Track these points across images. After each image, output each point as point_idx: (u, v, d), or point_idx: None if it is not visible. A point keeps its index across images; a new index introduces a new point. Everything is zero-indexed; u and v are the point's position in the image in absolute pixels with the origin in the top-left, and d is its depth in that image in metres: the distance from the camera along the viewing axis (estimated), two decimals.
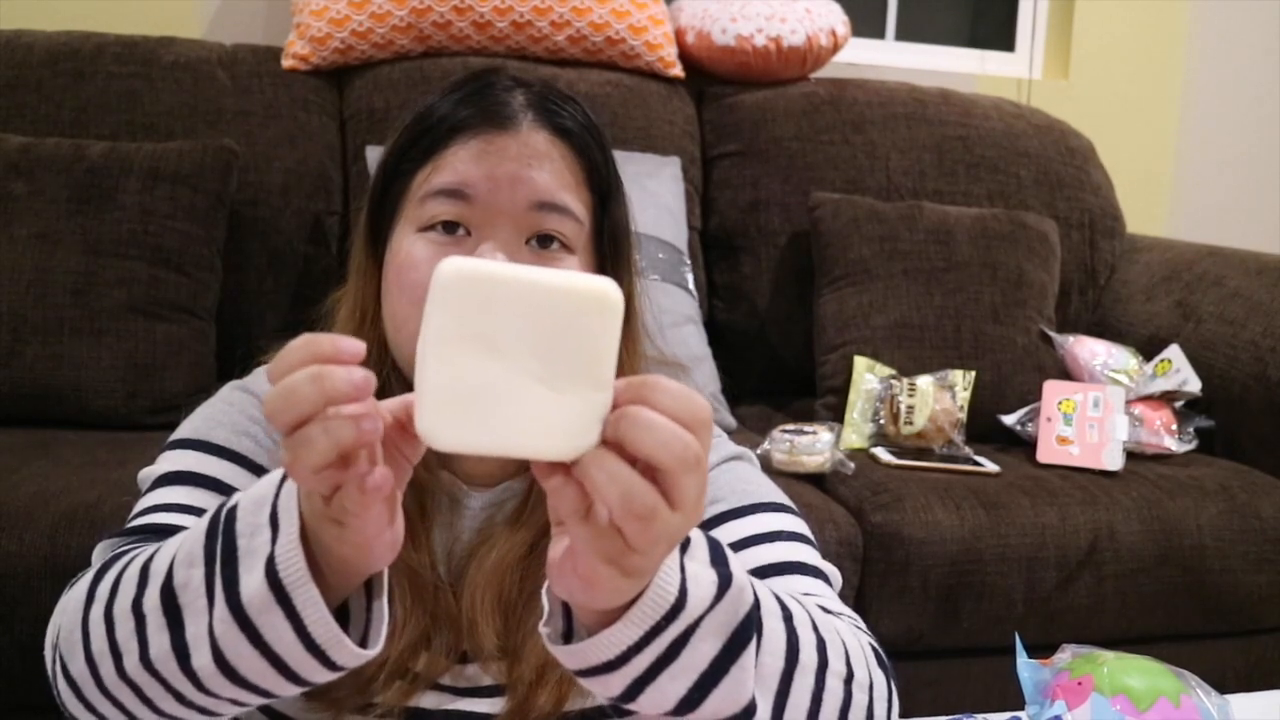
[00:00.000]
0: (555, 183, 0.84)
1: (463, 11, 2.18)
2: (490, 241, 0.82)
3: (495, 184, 0.83)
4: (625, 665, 0.61)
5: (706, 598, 0.62)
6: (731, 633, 0.63)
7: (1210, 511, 1.79)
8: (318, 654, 0.63)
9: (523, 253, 0.83)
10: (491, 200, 0.83)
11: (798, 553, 0.86)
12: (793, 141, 2.32)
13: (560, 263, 0.85)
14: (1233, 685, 1.65)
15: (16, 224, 1.82)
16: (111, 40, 2.12)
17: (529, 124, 0.85)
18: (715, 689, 0.63)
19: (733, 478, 0.91)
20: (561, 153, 0.86)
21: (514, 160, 0.83)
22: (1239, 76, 2.97)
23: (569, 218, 0.85)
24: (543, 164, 0.84)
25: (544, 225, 0.84)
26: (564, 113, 0.87)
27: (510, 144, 0.84)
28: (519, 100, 0.86)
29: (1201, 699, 0.83)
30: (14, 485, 1.48)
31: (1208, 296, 2.17)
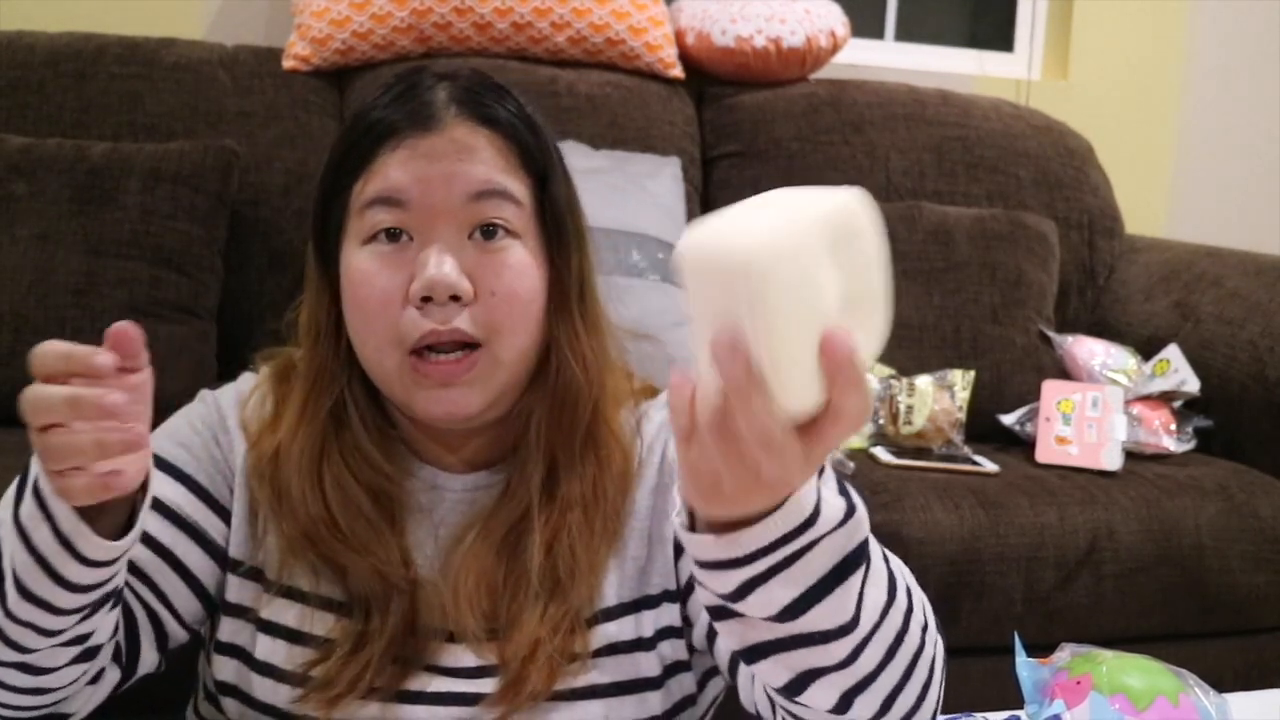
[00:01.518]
0: (489, 170, 0.85)
1: (463, 13, 2.18)
2: (435, 244, 0.82)
3: (428, 185, 0.83)
4: (748, 565, 0.62)
5: (834, 519, 0.63)
6: (845, 556, 0.64)
7: (1209, 511, 1.80)
8: (67, 546, 0.71)
9: (468, 248, 0.84)
10: (427, 202, 0.83)
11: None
12: (792, 142, 2.32)
13: (507, 251, 0.85)
14: (1231, 684, 1.65)
15: (18, 224, 1.82)
16: (113, 41, 2.12)
17: (454, 119, 0.85)
18: (819, 603, 0.64)
19: None
20: (490, 141, 0.86)
21: (443, 158, 0.83)
22: (1238, 77, 2.98)
23: (509, 201, 0.85)
24: (473, 155, 0.84)
25: (485, 214, 0.84)
26: (489, 102, 0.87)
27: (437, 142, 0.84)
28: (442, 97, 0.86)
29: (1200, 698, 0.84)
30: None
31: (1206, 296, 2.17)
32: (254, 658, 0.90)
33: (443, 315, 0.82)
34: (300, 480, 0.87)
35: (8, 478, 1.49)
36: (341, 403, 0.89)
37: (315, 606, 0.89)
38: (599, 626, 0.89)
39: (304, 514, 0.87)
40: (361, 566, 0.86)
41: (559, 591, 0.87)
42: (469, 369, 0.83)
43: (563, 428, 0.88)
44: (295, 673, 0.87)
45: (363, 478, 0.88)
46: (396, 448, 0.91)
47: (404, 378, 0.84)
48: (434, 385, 0.83)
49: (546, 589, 0.86)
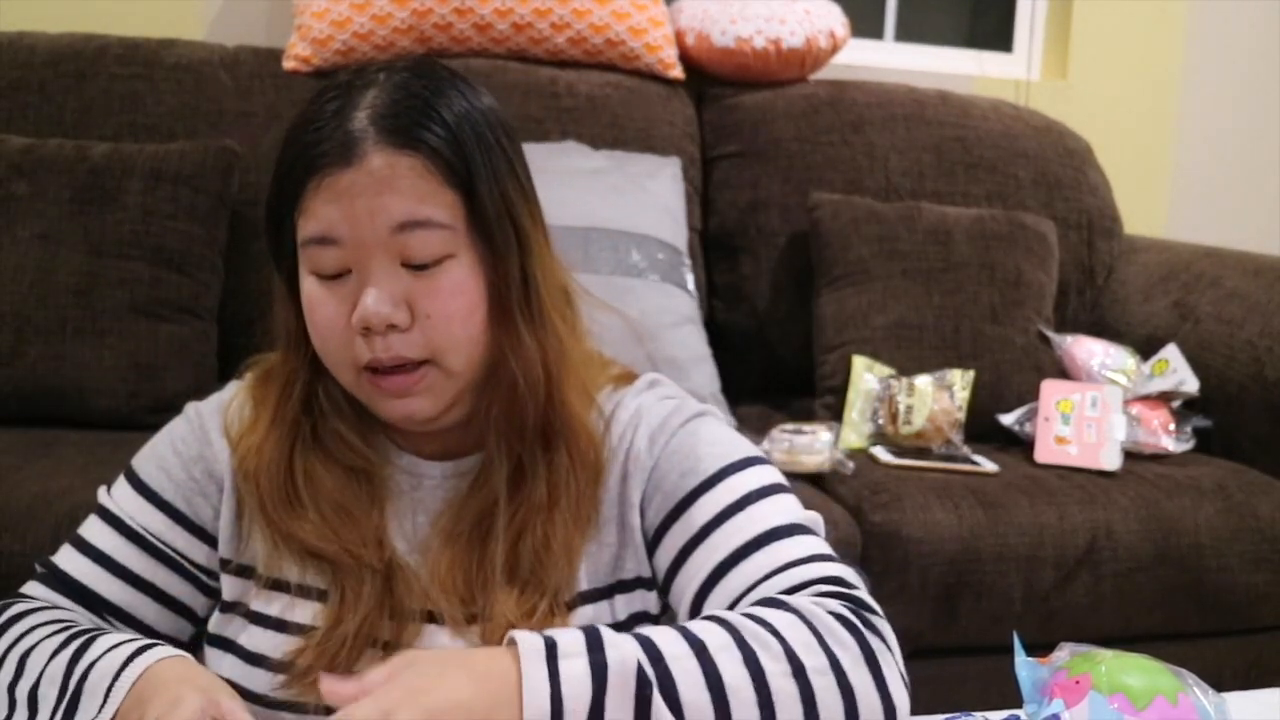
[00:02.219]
0: (407, 201, 0.84)
1: (464, 14, 2.18)
2: (370, 277, 0.84)
3: (354, 222, 0.83)
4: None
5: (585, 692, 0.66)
6: (634, 697, 0.66)
7: (1208, 511, 1.80)
8: None
9: (402, 275, 0.84)
10: (357, 238, 0.83)
11: (770, 513, 0.87)
12: (792, 142, 2.32)
13: (441, 273, 0.85)
14: (1230, 684, 1.65)
15: (19, 224, 1.82)
16: (114, 42, 2.12)
17: (372, 147, 0.83)
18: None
19: (694, 440, 0.91)
20: (409, 168, 0.84)
21: (363, 193, 0.83)
22: (1237, 77, 2.98)
23: (433, 229, 0.84)
24: (395, 184, 0.83)
25: (408, 246, 0.84)
26: (407, 124, 0.85)
27: (357, 178, 0.83)
28: (360, 122, 0.84)
29: (1199, 698, 0.84)
30: (16, 485, 1.49)
31: (1205, 297, 2.17)
32: (244, 649, 0.92)
33: (384, 344, 0.84)
34: (272, 473, 0.91)
35: (8, 478, 1.50)
36: (315, 397, 0.93)
37: (299, 595, 0.91)
38: (578, 609, 0.90)
39: (276, 505, 0.90)
40: (332, 550, 0.89)
41: (532, 579, 0.89)
42: (419, 381, 0.86)
43: (515, 426, 0.90)
44: (282, 661, 0.89)
45: (343, 460, 0.92)
46: (378, 436, 0.95)
47: (362, 390, 0.88)
48: (390, 396, 0.87)
49: (520, 577, 0.89)
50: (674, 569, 0.88)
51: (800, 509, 0.89)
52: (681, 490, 0.89)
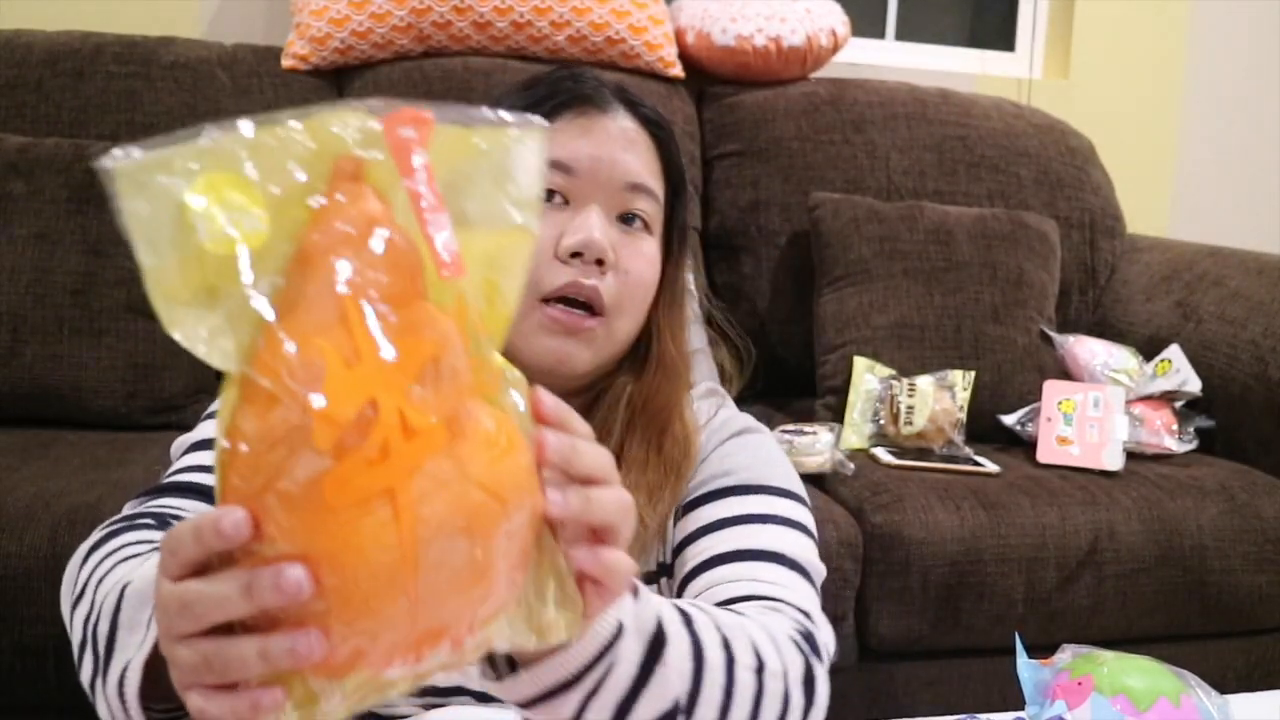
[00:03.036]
0: (643, 167, 0.93)
1: (463, 11, 2.18)
2: (597, 219, 0.89)
3: (598, 162, 0.90)
4: (581, 682, 0.63)
5: (630, 606, 0.65)
6: (651, 636, 0.66)
7: (1211, 511, 1.79)
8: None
9: (614, 226, 0.91)
10: (592, 176, 0.91)
11: (783, 540, 0.89)
12: (793, 141, 2.32)
13: (642, 241, 0.93)
14: (1233, 685, 1.65)
15: (16, 224, 1.82)
16: (111, 40, 2.12)
17: (621, 112, 0.94)
18: (645, 690, 0.66)
19: (750, 453, 0.96)
20: (646, 141, 0.94)
21: (614, 141, 0.92)
22: (1240, 76, 2.97)
23: (653, 200, 0.93)
24: (636, 149, 0.93)
25: (633, 204, 0.92)
26: (645, 106, 0.96)
27: (611, 126, 0.92)
28: (608, 90, 0.95)
29: (1201, 699, 0.83)
30: (14, 486, 1.48)
31: (1208, 296, 2.16)
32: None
33: (585, 272, 0.89)
34: None
35: (7, 478, 1.50)
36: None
37: None
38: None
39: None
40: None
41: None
42: (594, 328, 0.90)
43: (647, 411, 0.94)
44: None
45: None
46: None
47: (529, 322, 0.89)
48: (558, 333, 0.89)
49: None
50: (680, 548, 0.91)
51: (813, 555, 0.90)
52: (717, 485, 0.93)
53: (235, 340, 0.48)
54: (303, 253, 0.48)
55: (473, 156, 0.51)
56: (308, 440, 0.46)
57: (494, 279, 0.52)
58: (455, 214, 0.50)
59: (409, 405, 0.47)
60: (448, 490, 0.47)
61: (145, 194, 0.46)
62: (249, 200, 0.47)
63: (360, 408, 0.46)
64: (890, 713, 1.71)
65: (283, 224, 0.48)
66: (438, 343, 0.49)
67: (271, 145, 0.48)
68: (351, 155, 0.49)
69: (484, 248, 0.51)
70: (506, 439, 0.51)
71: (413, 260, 0.49)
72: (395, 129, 0.48)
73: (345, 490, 0.46)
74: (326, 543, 0.46)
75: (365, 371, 0.46)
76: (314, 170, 0.49)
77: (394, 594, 0.46)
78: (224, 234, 0.47)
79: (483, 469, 0.49)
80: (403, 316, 0.48)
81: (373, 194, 0.49)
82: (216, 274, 0.47)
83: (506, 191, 0.51)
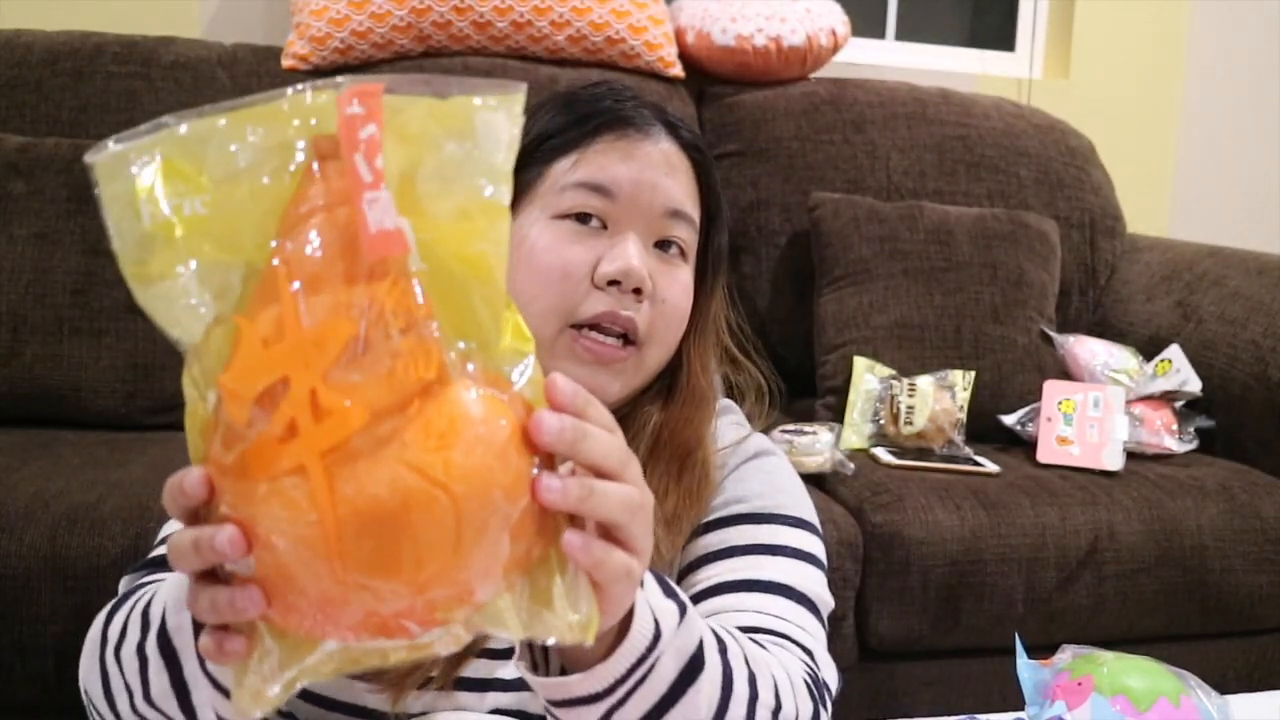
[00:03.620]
0: (683, 193, 0.90)
1: (463, 11, 2.18)
2: (633, 234, 0.87)
3: (638, 186, 0.88)
4: (609, 696, 0.64)
5: (672, 624, 0.65)
6: (689, 658, 0.66)
7: (1211, 512, 1.79)
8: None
9: (651, 253, 0.89)
10: (633, 201, 0.88)
11: (794, 573, 0.88)
12: (793, 141, 2.32)
13: (679, 268, 0.91)
14: (1233, 685, 1.65)
15: (15, 224, 1.82)
16: (111, 40, 2.12)
17: (663, 135, 0.91)
18: (672, 710, 0.66)
19: (765, 478, 0.94)
20: (687, 166, 0.92)
21: (656, 166, 0.89)
22: (1240, 76, 2.97)
23: (691, 227, 0.91)
24: (676, 174, 0.90)
25: (671, 231, 0.90)
26: (685, 129, 0.93)
27: (653, 150, 0.90)
28: (649, 111, 0.92)
29: (1201, 699, 0.83)
30: (13, 485, 1.48)
31: (1208, 296, 2.16)
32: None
33: (622, 302, 0.86)
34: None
35: (7, 478, 1.49)
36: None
37: None
38: None
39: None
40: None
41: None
42: (625, 359, 0.88)
43: (673, 443, 0.91)
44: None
45: None
46: None
47: (560, 346, 0.87)
48: (589, 362, 0.87)
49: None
50: (686, 570, 0.90)
51: (822, 588, 0.90)
52: (729, 511, 0.91)
53: (187, 317, 0.50)
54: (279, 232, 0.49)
55: (441, 127, 0.50)
56: (227, 413, 0.48)
57: (471, 250, 0.51)
58: (424, 183, 0.50)
59: (324, 386, 0.47)
60: (375, 472, 0.47)
61: (116, 183, 0.49)
62: (197, 184, 0.49)
63: (268, 386, 0.47)
64: (890, 713, 1.71)
65: (242, 205, 0.49)
66: (373, 323, 0.48)
67: (236, 130, 0.49)
68: (328, 135, 0.49)
69: (452, 217, 0.50)
70: (479, 428, 0.49)
71: (351, 242, 0.49)
72: (345, 106, 0.48)
73: (261, 465, 0.47)
74: (253, 511, 0.48)
75: (282, 350, 0.47)
76: (279, 151, 0.49)
77: (318, 567, 0.47)
78: (164, 217, 0.49)
79: (425, 455, 0.48)
80: (335, 297, 0.48)
81: (340, 173, 0.49)
82: (162, 256, 0.49)
83: (473, 161, 0.50)
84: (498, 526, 0.50)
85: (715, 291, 0.96)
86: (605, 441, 0.56)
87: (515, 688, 0.88)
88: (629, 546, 0.56)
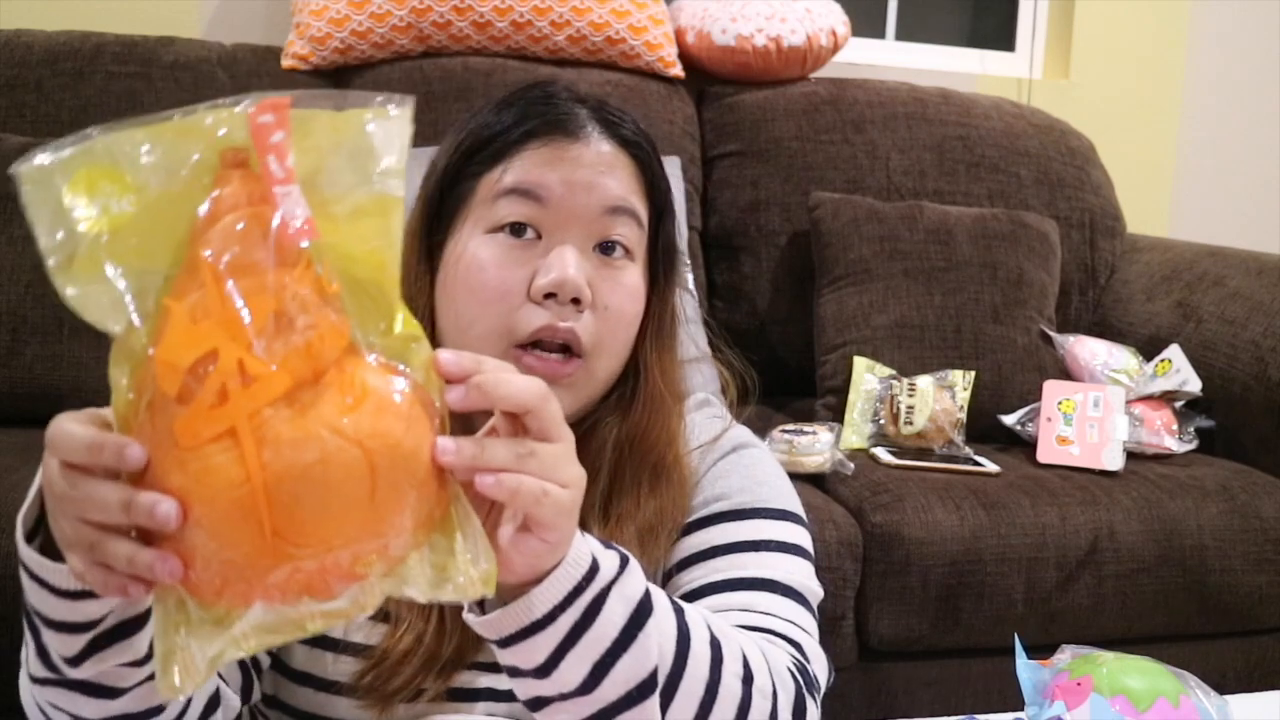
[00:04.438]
0: (623, 189, 0.87)
1: (463, 11, 2.18)
2: (568, 244, 0.84)
3: (570, 189, 0.85)
4: (551, 625, 0.64)
5: (613, 567, 0.66)
6: (637, 602, 0.67)
7: (1211, 511, 1.79)
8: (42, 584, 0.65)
9: (590, 258, 0.86)
10: (565, 204, 0.85)
11: (780, 567, 0.87)
12: (793, 141, 2.32)
13: (624, 270, 0.87)
14: (1233, 686, 1.65)
15: (15, 224, 1.81)
16: (111, 40, 2.12)
17: (596, 134, 0.88)
18: (624, 655, 0.66)
19: (744, 473, 0.92)
20: (626, 162, 0.88)
21: (587, 167, 0.86)
22: (1240, 76, 2.97)
23: (635, 222, 0.88)
24: (613, 171, 0.87)
25: (613, 230, 0.86)
26: (625, 124, 0.90)
27: (583, 151, 0.86)
28: (583, 112, 0.89)
29: (1201, 699, 0.83)
30: (13, 485, 1.48)
31: (1208, 297, 2.16)
32: (289, 667, 0.90)
33: (561, 314, 0.84)
34: None
35: (7, 478, 1.49)
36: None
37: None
38: None
39: None
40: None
41: None
42: (571, 373, 0.85)
43: (637, 452, 0.89)
44: (335, 681, 0.88)
45: None
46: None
47: None
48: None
49: None
50: (670, 574, 0.89)
51: (810, 579, 0.88)
52: (710, 510, 0.90)
53: (115, 311, 0.55)
54: (192, 233, 0.54)
55: (338, 136, 0.55)
56: (158, 387, 0.52)
57: (366, 247, 0.56)
58: (325, 187, 0.55)
59: (249, 356, 0.51)
60: (297, 434, 0.51)
61: (43, 190, 0.53)
62: (119, 188, 0.53)
63: (199, 357, 0.51)
64: (890, 713, 1.71)
65: (160, 208, 0.54)
66: (290, 301, 0.53)
67: (154, 141, 0.54)
68: (235, 146, 0.54)
69: (348, 215, 0.55)
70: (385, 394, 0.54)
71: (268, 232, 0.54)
72: (257, 116, 0.53)
73: (192, 431, 0.51)
74: (184, 479, 0.52)
75: (210, 326, 0.52)
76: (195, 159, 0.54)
77: (248, 528, 0.51)
78: (92, 216, 0.53)
79: (340, 417, 0.52)
80: (255, 281, 0.52)
81: (250, 178, 0.54)
82: (89, 257, 0.54)
83: (369, 165, 0.55)
84: (407, 483, 0.54)
85: (670, 289, 0.93)
86: (506, 369, 0.60)
87: (507, 698, 0.87)
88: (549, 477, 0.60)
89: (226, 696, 0.83)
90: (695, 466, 0.92)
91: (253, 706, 0.93)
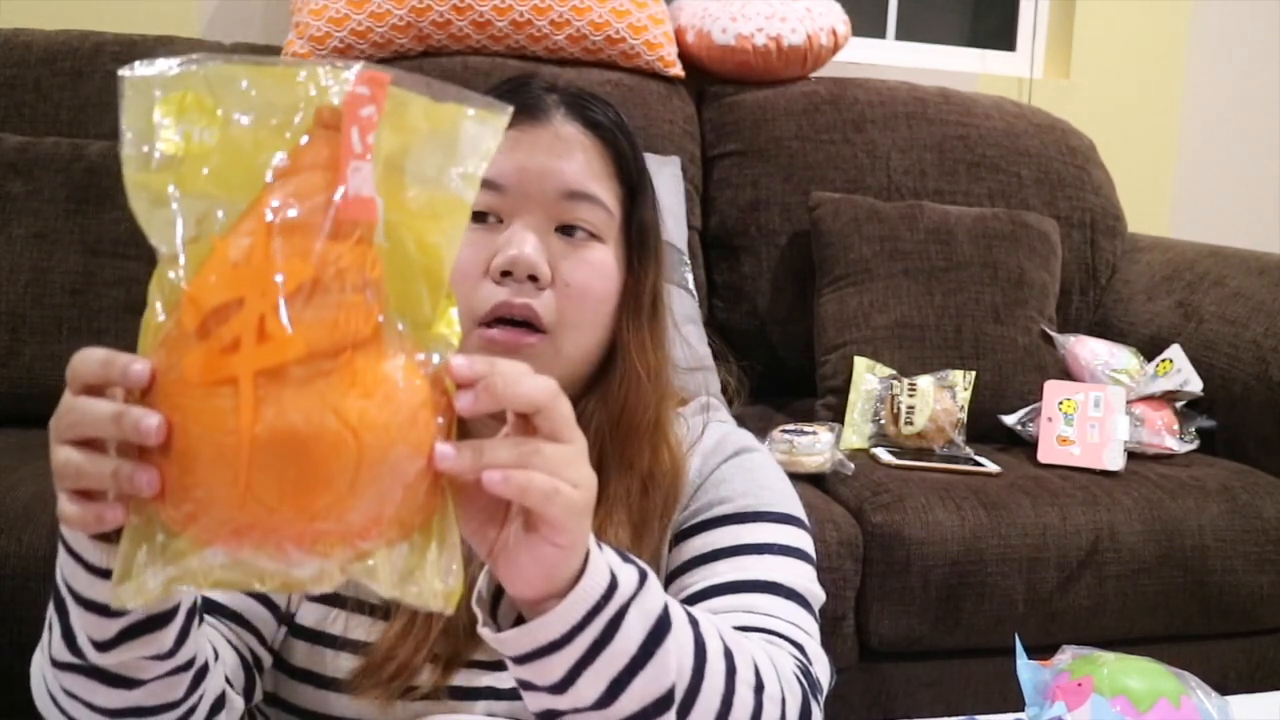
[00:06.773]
0: (585, 173, 0.88)
1: (462, 10, 2.18)
2: (525, 234, 0.85)
3: (525, 174, 0.86)
4: (569, 644, 0.63)
5: (633, 582, 0.65)
6: (656, 618, 0.66)
7: (1212, 512, 1.79)
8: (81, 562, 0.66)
9: (552, 238, 0.87)
10: (522, 190, 0.86)
11: (781, 570, 0.87)
12: (793, 141, 2.31)
13: (589, 248, 0.88)
14: (1234, 686, 1.64)
15: (14, 223, 1.82)
16: (110, 39, 2.12)
17: (560, 118, 0.88)
18: (642, 672, 0.65)
19: (746, 476, 0.92)
20: (592, 144, 0.89)
21: (545, 151, 0.87)
22: (1240, 76, 2.97)
23: (598, 207, 0.88)
24: (573, 154, 0.87)
25: (573, 214, 0.87)
26: (594, 108, 0.91)
27: (542, 135, 0.87)
28: (552, 97, 0.90)
29: (1201, 700, 0.83)
30: (12, 486, 1.48)
31: (1209, 296, 2.16)
32: (290, 664, 0.90)
33: (519, 291, 0.85)
34: None
35: (6, 478, 1.49)
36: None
37: (352, 610, 0.89)
38: None
39: None
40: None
41: None
42: (532, 345, 0.85)
43: (620, 435, 0.89)
44: (335, 678, 0.88)
45: None
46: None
47: (468, 347, 0.85)
48: (497, 353, 0.84)
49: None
50: (671, 577, 0.89)
51: (811, 582, 0.88)
52: (712, 513, 0.89)
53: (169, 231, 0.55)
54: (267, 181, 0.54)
55: (429, 124, 0.56)
56: (181, 319, 0.53)
57: (429, 240, 0.56)
58: (406, 171, 0.56)
59: (272, 314, 0.52)
60: (298, 403, 0.51)
61: (140, 99, 0.54)
62: (206, 119, 0.54)
63: (225, 301, 0.52)
64: (890, 713, 1.71)
65: (240, 146, 0.54)
66: (329, 273, 0.53)
67: (254, 81, 0.54)
68: (330, 105, 0.54)
69: (421, 206, 0.56)
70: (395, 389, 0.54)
71: (330, 201, 0.54)
72: (355, 85, 0.54)
73: (199, 371, 0.52)
74: (179, 412, 0.53)
75: (245, 274, 0.52)
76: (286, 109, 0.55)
77: (225, 473, 0.51)
78: (174, 139, 0.54)
79: (344, 399, 0.52)
80: (303, 244, 0.53)
81: (336, 142, 0.54)
82: (163, 173, 0.54)
83: (452, 162, 0.56)
84: (393, 482, 0.54)
85: (647, 268, 0.92)
86: (518, 370, 0.59)
87: (508, 697, 0.87)
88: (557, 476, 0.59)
89: (231, 699, 0.83)
90: (698, 467, 0.92)
91: (254, 706, 0.93)
